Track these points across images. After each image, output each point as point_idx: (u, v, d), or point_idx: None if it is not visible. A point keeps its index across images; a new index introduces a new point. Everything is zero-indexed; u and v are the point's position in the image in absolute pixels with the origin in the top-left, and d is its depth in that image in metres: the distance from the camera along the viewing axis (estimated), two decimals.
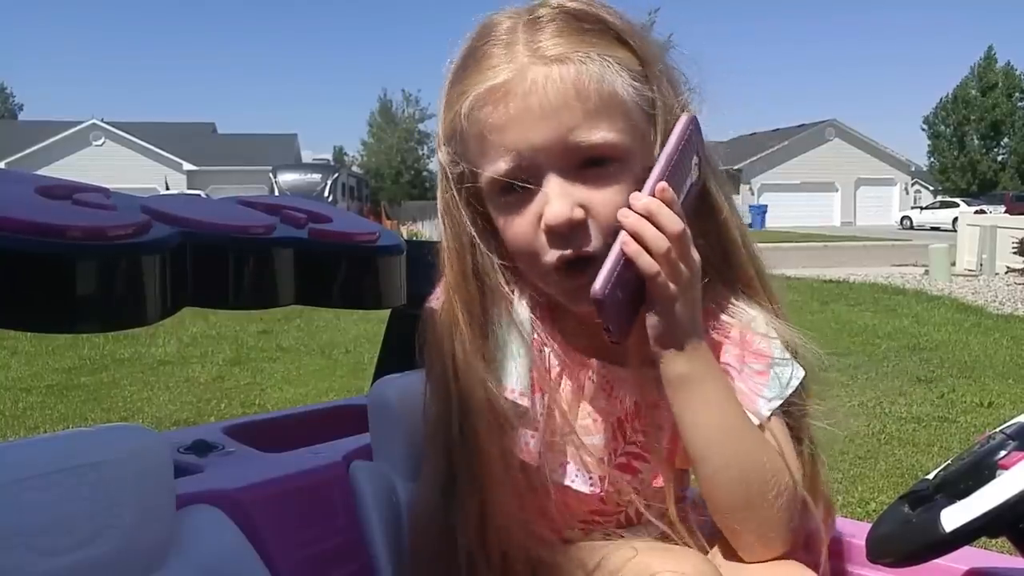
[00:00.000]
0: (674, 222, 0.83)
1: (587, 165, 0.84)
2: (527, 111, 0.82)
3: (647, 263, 0.82)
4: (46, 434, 0.83)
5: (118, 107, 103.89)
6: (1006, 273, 12.01)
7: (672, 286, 0.84)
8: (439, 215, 0.93)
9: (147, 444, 0.81)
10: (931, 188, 45.03)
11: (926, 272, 12.30)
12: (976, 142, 46.38)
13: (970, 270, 12.93)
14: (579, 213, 0.84)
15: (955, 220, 19.85)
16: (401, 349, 1.66)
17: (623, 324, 0.85)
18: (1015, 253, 11.71)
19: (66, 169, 30.78)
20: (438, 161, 0.92)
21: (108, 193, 0.89)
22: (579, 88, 0.81)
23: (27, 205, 0.72)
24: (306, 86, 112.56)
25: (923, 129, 48.56)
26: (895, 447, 4.12)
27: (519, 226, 0.87)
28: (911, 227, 35.49)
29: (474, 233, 0.90)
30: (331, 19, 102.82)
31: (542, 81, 0.81)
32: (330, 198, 23.49)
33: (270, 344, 7.26)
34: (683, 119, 0.87)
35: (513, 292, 0.92)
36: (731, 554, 0.93)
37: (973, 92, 45.99)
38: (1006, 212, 20.68)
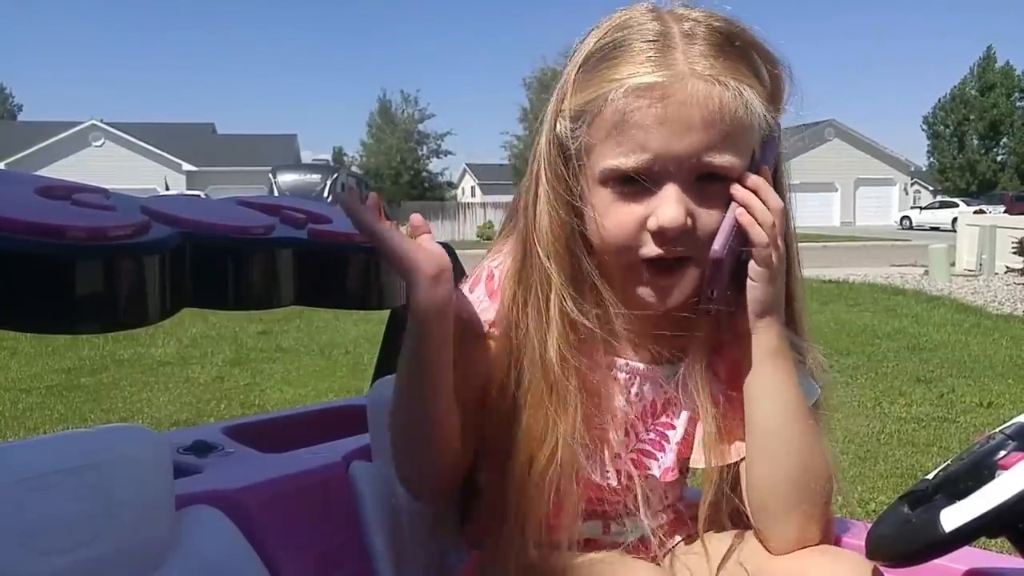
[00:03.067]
0: (776, 199, 0.90)
1: (701, 179, 0.87)
2: (681, 119, 0.83)
3: (759, 234, 0.88)
4: (46, 435, 0.83)
5: (117, 107, 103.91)
6: (1006, 273, 12.01)
7: (775, 260, 0.90)
8: (541, 182, 0.92)
9: (147, 445, 0.81)
10: (930, 188, 45.03)
11: (926, 272, 12.30)
12: (975, 142, 46.37)
13: (969, 270, 12.93)
14: (689, 222, 0.87)
15: (954, 220, 19.87)
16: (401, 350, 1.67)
17: (724, 291, 0.91)
18: (1015, 253, 11.71)
19: (66, 170, 30.75)
20: (550, 132, 0.92)
21: (107, 194, 0.89)
22: (729, 113, 0.84)
23: (27, 206, 0.72)
24: (306, 86, 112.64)
25: (923, 129, 48.60)
26: (895, 447, 4.12)
27: (624, 216, 0.88)
28: (910, 227, 35.48)
29: (575, 204, 0.91)
30: (331, 19, 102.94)
31: (702, 96, 0.83)
32: (329, 199, 23.47)
33: (270, 345, 7.25)
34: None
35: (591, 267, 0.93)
36: (759, 547, 0.96)
37: (972, 92, 46.01)
38: (1005, 212, 20.69)
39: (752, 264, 0.90)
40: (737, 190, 0.88)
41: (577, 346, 0.91)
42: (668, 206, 0.85)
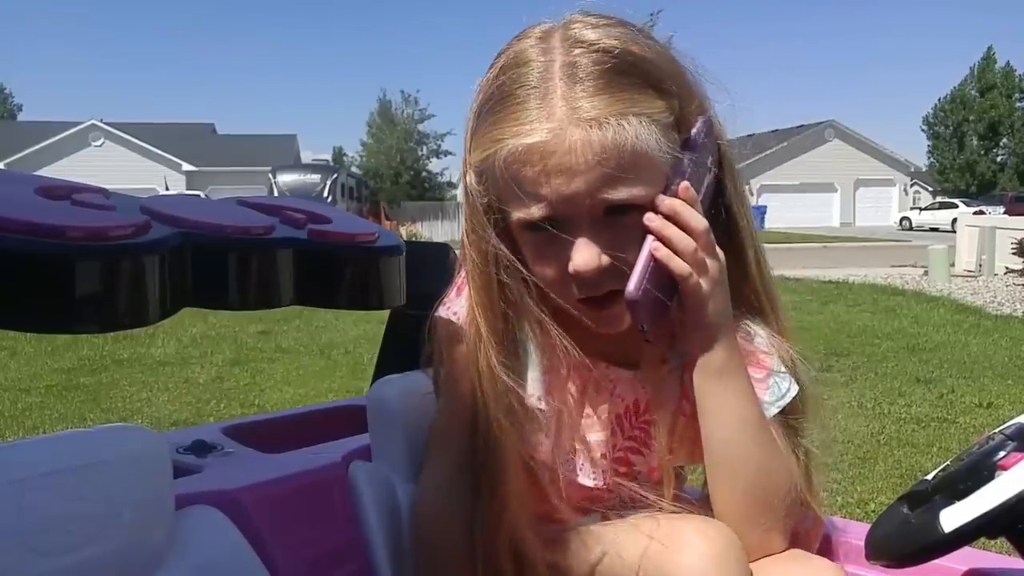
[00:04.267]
0: (698, 220, 0.87)
1: (610, 213, 0.86)
2: (564, 169, 0.82)
3: (679, 266, 0.86)
4: (46, 434, 0.83)
5: (117, 107, 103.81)
6: (1005, 274, 12.02)
7: (704, 285, 0.87)
8: (463, 233, 0.96)
9: (147, 444, 0.81)
10: (930, 189, 44.99)
11: (925, 273, 12.30)
12: (975, 143, 46.33)
13: (969, 271, 12.93)
14: (605, 260, 0.86)
15: (954, 221, 19.87)
16: (400, 350, 1.67)
17: (656, 322, 0.88)
18: (1014, 254, 11.71)
19: (65, 169, 30.73)
20: (463, 183, 0.93)
21: (107, 193, 0.89)
22: (614, 151, 0.82)
23: (26, 205, 0.72)
24: (306, 86, 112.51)
25: (923, 130, 48.55)
26: (894, 448, 4.12)
27: (547, 264, 0.90)
28: (910, 228, 35.49)
29: (498, 252, 0.91)
30: (330, 19, 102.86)
31: (580, 147, 0.82)
32: (329, 199, 23.45)
33: (270, 345, 7.26)
34: (698, 122, 0.90)
35: (534, 304, 0.94)
36: None
37: (972, 92, 45.98)
38: (1005, 213, 20.70)
39: (682, 294, 0.88)
40: (651, 221, 0.86)
41: (516, 388, 0.92)
42: (578, 251, 0.86)
